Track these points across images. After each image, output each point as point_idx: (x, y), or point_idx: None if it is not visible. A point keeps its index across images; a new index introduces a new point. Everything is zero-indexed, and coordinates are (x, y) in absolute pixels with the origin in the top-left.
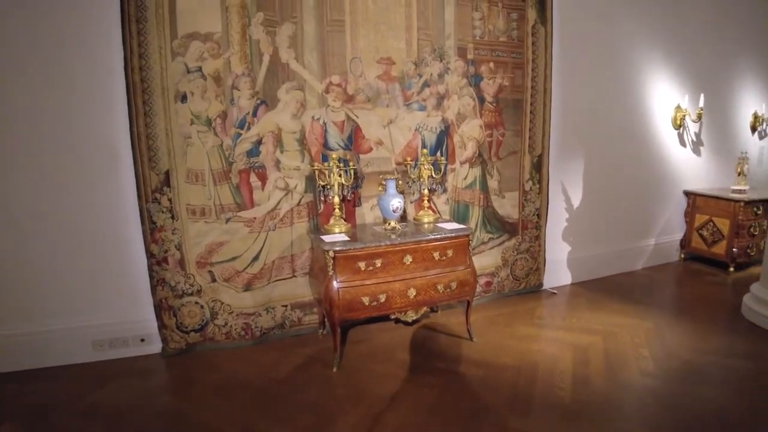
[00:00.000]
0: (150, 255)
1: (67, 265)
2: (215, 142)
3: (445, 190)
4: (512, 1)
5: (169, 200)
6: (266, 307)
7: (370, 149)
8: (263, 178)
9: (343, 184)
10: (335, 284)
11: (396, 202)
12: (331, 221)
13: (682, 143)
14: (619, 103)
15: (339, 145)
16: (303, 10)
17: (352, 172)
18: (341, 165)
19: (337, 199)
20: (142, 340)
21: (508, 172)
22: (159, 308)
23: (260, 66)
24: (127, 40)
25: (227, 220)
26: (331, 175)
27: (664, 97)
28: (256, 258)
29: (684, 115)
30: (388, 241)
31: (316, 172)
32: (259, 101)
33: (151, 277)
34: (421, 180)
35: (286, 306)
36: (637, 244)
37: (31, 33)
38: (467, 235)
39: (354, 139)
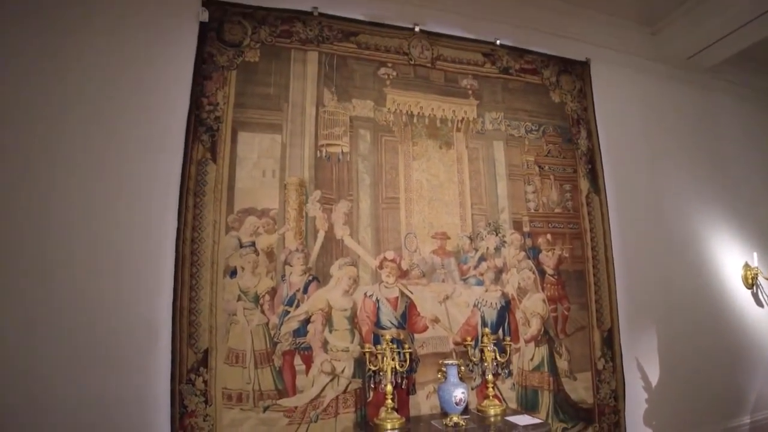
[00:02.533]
0: None
1: None
2: (261, 320)
3: (510, 374)
4: (564, 173)
5: (205, 382)
6: None
7: (426, 328)
8: (308, 361)
9: (396, 369)
10: None
11: (459, 393)
12: (382, 414)
13: (758, 303)
14: (685, 267)
15: (392, 323)
16: (359, 189)
17: (407, 355)
18: (395, 346)
19: (389, 388)
20: None
21: (577, 349)
22: None
23: (315, 242)
24: (182, 212)
25: (265, 409)
26: (385, 359)
27: (731, 256)
28: None
29: (756, 273)
30: None
31: (367, 355)
32: (310, 277)
33: None
34: (485, 363)
35: None
36: (730, 424)
37: (83, 199)
38: None
39: (408, 317)
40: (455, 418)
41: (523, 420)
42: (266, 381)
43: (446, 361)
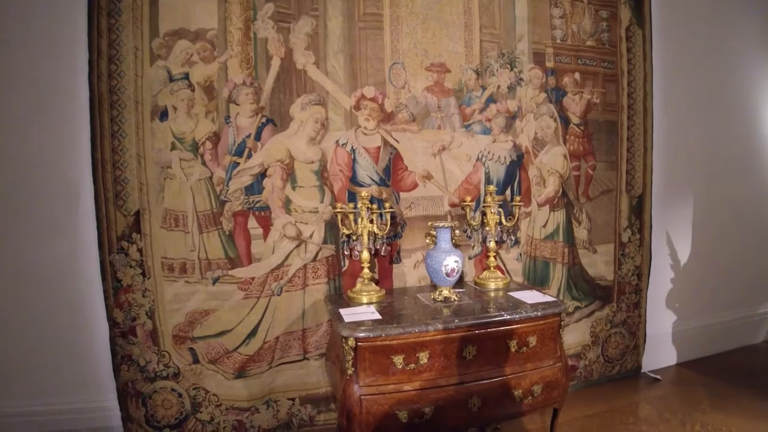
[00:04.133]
0: (113, 323)
1: (5, 331)
2: (203, 173)
3: (517, 242)
4: None
5: (140, 251)
6: (266, 399)
7: (415, 185)
8: (266, 224)
9: (375, 233)
10: (356, 390)
11: (452, 262)
12: (358, 286)
13: None
14: (737, 134)
15: (372, 180)
16: (327, 1)
17: (388, 216)
18: (374, 206)
19: (366, 255)
20: None
21: (600, 217)
22: (123, 394)
23: (267, 73)
24: (94, 39)
25: (215, 281)
26: (360, 220)
27: None
28: (252, 334)
29: None
30: (440, 324)
31: (339, 216)
32: (264, 120)
33: (113, 352)
34: (486, 228)
35: (293, 399)
36: (758, 310)
37: None
38: (558, 314)
39: (393, 172)
40: (446, 292)
41: (531, 297)
42: (214, 248)
43: (437, 223)
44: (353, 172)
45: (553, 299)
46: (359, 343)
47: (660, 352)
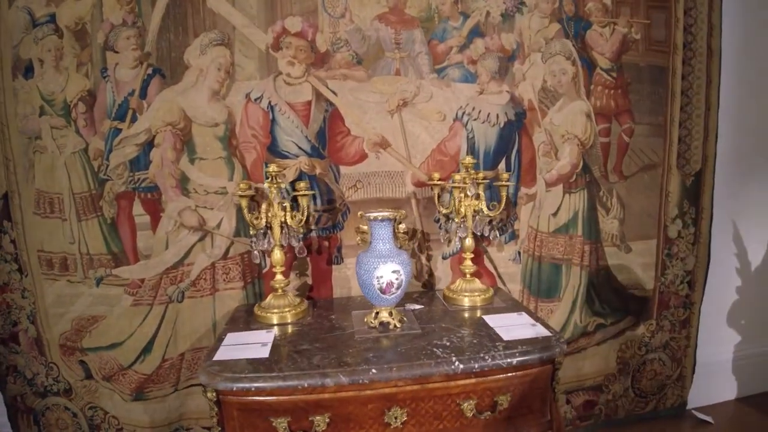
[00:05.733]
0: None
1: None
2: (77, 144)
3: (513, 237)
4: None
5: (13, 242)
6: (175, 427)
7: (363, 156)
8: (155, 210)
9: (288, 223)
10: None
11: (387, 273)
12: (268, 299)
13: None
14: None
15: (300, 148)
16: None
17: (305, 203)
18: (302, 185)
19: (278, 255)
20: None
21: (638, 202)
22: (13, 409)
23: (153, 8)
24: None
25: (98, 281)
26: (267, 206)
27: None
28: (147, 349)
29: None
30: (345, 376)
31: (243, 203)
32: (151, 70)
33: None
34: (462, 218)
35: (209, 429)
36: None
37: None
38: (551, 361)
39: (330, 138)
40: (384, 315)
41: (514, 326)
42: (95, 240)
43: (370, 213)
44: (273, 138)
45: (546, 334)
46: (222, 397)
47: (713, 384)
